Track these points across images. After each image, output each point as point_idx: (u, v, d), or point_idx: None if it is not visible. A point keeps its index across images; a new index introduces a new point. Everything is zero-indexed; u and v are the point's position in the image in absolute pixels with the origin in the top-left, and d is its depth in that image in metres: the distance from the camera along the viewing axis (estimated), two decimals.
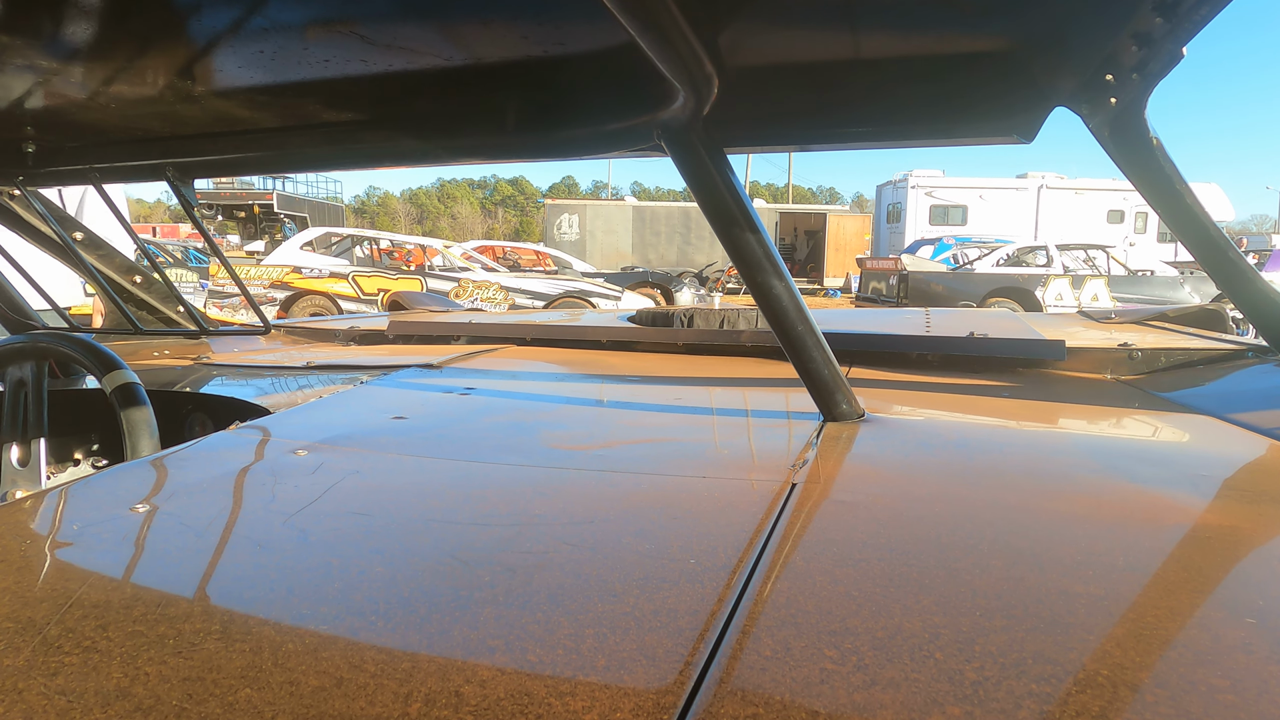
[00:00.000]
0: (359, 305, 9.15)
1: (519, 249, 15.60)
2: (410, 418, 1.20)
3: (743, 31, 0.91)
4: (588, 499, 0.83)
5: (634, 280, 11.61)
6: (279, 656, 0.49)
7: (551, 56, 0.99)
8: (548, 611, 0.55)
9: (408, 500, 0.82)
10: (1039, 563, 0.64)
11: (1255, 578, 0.66)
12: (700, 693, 0.45)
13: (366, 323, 2.50)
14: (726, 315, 2.22)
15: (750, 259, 1.08)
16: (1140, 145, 0.99)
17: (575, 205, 22.82)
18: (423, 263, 10.31)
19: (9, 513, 0.76)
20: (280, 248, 9.88)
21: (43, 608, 0.55)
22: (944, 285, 10.83)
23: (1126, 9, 0.83)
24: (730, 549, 0.67)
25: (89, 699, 0.45)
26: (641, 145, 1.10)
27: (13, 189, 1.67)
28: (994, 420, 1.28)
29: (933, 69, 0.98)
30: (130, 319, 1.75)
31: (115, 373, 1.22)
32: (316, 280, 9.16)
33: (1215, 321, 2.10)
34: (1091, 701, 0.44)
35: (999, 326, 1.94)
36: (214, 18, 0.90)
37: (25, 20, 0.91)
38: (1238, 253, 1.13)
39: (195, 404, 1.55)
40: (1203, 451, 1.09)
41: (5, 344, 1.33)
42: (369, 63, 1.01)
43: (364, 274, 9.33)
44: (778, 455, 1.00)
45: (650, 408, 1.31)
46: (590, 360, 1.86)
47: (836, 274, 20.77)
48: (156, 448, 1.17)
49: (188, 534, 0.70)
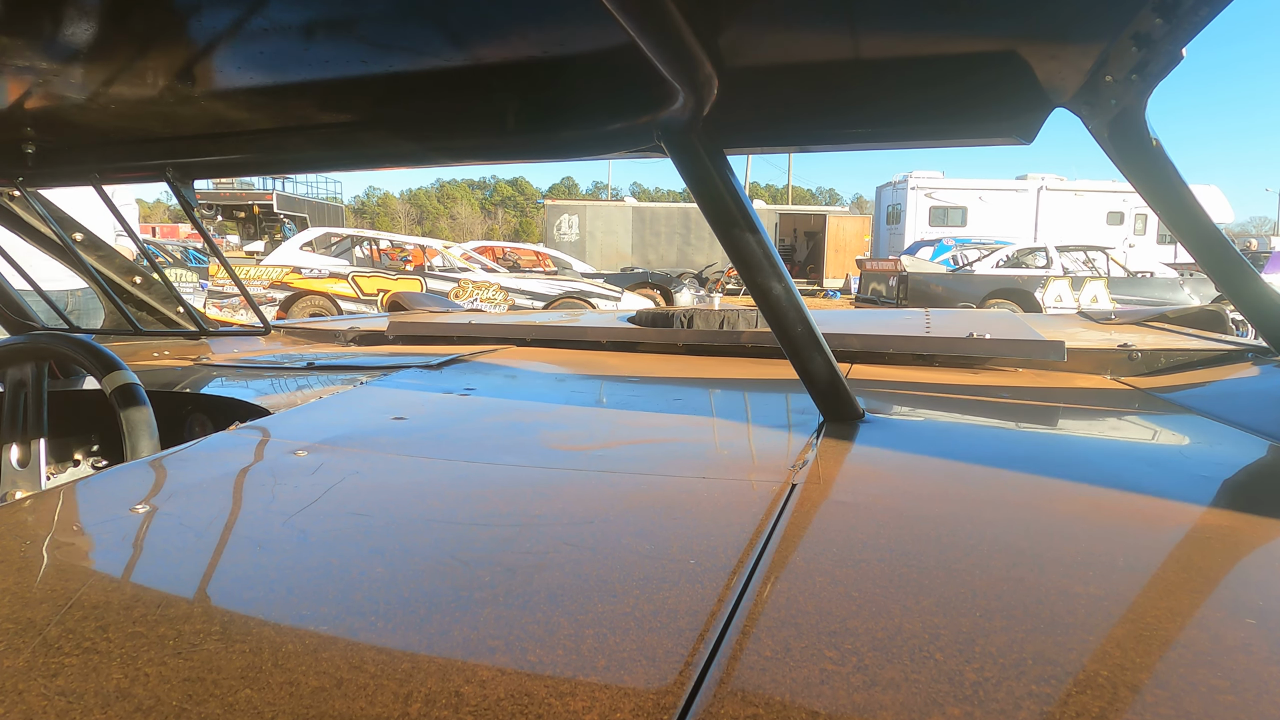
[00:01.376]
0: (359, 306, 9.15)
1: (519, 249, 15.55)
2: (410, 418, 1.19)
3: (743, 32, 0.91)
4: (588, 499, 0.83)
5: (634, 281, 11.58)
6: (279, 657, 0.49)
7: (551, 57, 0.99)
8: (548, 612, 0.55)
9: (408, 500, 0.82)
10: (1039, 563, 0.64)
11: (1255, 578, 0.66)
12: (700, 693, 0.45)
13: (366, 323, 2.50)
14: (726, 316, 2.22)
15: (750, 260, 1.08)
16: (1140, 147, 0.99)
17: (575, 206, 22.81)
18: (422, 263, 10.26)
19: (9, 513, 0.76)
20: (280, 248, 9.89)
21: (43, 608, 0.55)
22: (943, 286, 10.81)
23: (1126, 10, 0.83)
24: (730, 549, 0.67)
25: (89, 700, 0.45)
26: (641, 146, 1.10)
27: (13, 190, 1.67)
28: (994, 421, 1.28)
29: (933, 70, 0.98)
30: (130, 320, 1.75)
31: (115, 373, 1.22)
32: (316, 280, 9.17)
33: (1215, 322, 2.10)
34: (1091, 702, 0.44)
35: (999, 327, 1.95)
36: (214, 18, 0.90)
37: (26, 21, 0.91)
38: (1238, 254, 1.13)
39: (195, 404, 1.55)
40: (1202, 452, 1.09)
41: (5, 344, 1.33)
42: (369, 64, 1.01)
43: (364, 274, 9.33)
44: (778, 456, 1.00)
45: (650, 408, 1.31)
46: (590, 361, 1.86)
47: (836, 275, 20.75)
48: (156, 448, 1.17)
49: (188, 535, 0.70)
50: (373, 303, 9.17)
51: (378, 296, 9.12)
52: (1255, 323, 1.20)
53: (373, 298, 9.16)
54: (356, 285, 9.23)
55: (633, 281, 11.50)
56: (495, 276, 9.71)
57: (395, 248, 11.89)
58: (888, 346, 1.82)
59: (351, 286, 9.22)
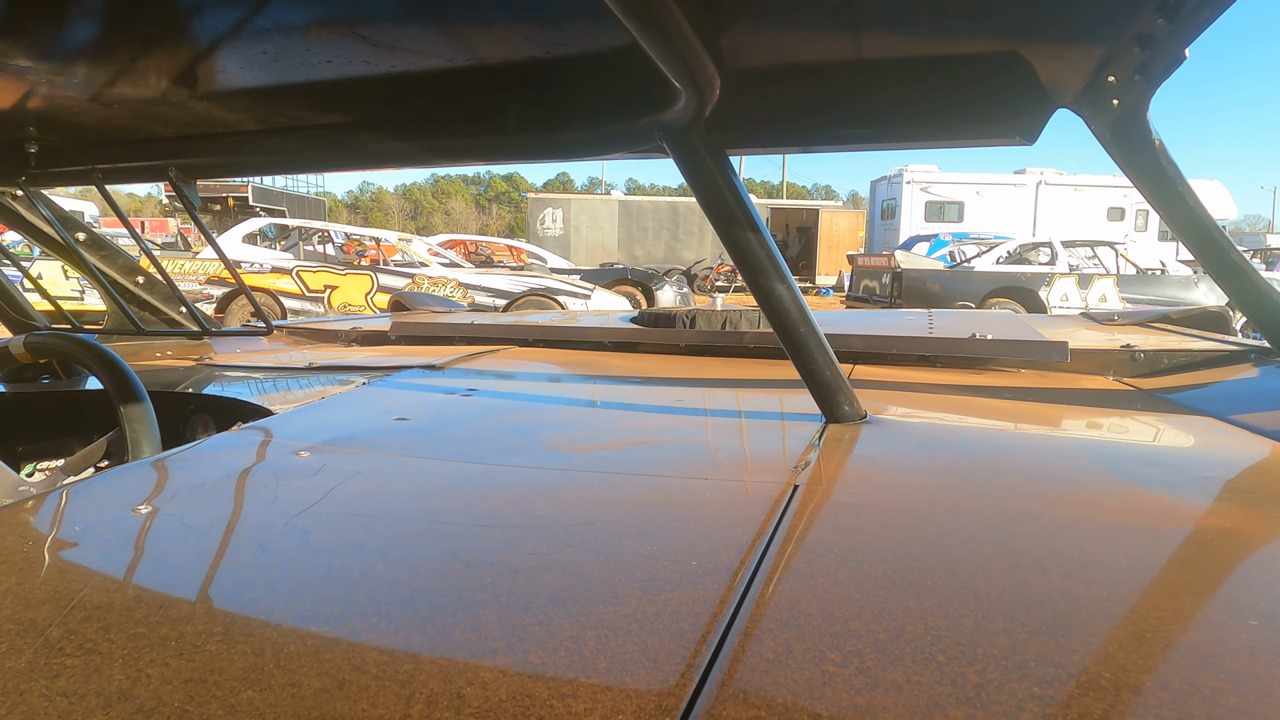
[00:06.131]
0: (303, 304, 8.59)
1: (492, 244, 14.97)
2: (412, 419, 1.20)
3: (745, 33, 0.91)
4: (590, 500, 0.83)
5: (612, 277, 10.96)
6: (281, 658, 0.49)
7: (553, 58, 0.99)
8: (550, 613, 0.55)
9: (410, 502, 0.82)
10: (1041, 565, 0.64)
11: (1258, 580, 0.65)
12: (702, 694, 0.45)
13: (369, 323, 2.50)
14: (729, 316, 2.22)
15: (752, 260, 1.08)
16: (1142, 147, 0.99)
17: (559, 200, 21.88)
18: (379, 259, 9.58)
19: (11, 514, 0.76)
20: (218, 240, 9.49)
21: (45, 609, 0.55)
22: (941, 284, 10.07)
23: (1129, 11, 0.83)
24: (732, 551, 0.67)
25: (91, 701, 0.45)
26: (643, 146, 1.10)
27: (15, 189, 1.67)
28: (996, 422, 1.27)
29: (935, 70, 0.98)
30: (132, 319, 1.76)
31: (117, 374, 1.22)
32: (257, 276, 8.50)
33: (1218, 323, 2.10)
34: (1094, 704, 0.44)
35: (1001, 328, 1.94)
36: (217, 19, 0.91)
37: (28, 21, 0.91)
38: (1239, 254, 1.12)
39: (198, 405, 1.55)
40: (1205, 453, 1.09)
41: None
42: (371, 64, 1.01)
43: (309, 269, 8.70)
44: (780, 457, 1.00)
45: (652, 409, 1.31)
46: (592, 361, 1.86)
47: (829, 272, 20.37)
48: (158, 449, 1.17)
49: (190, 535, 0.70)
50: (319, 299, 8.60)
51: (324, 293, 8.59)
52: (1257, 323, 1.20)
53: (319, 294, 8.60)
54: (301, 281, 8.62)
55: (611, 278, 10.88)
56: (455, 272, 9.07)
57: (354, 241, 11.17)
58: (890, 347, 1.82)
59: (296, 282, 8.60)
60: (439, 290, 8.61)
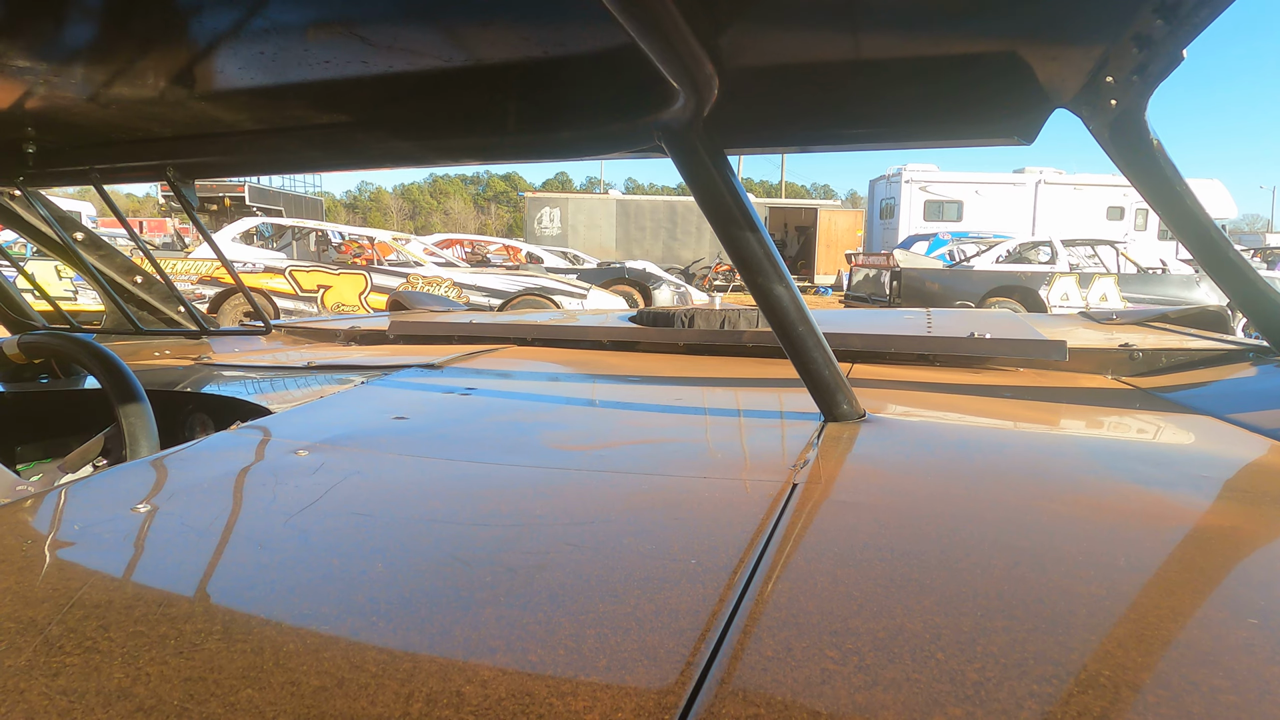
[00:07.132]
0: (296, 304, 8.56)
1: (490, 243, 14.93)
2: (411, 418, 1.20)
3: (744, 33, 0.91)
4: (589, 499, 0.83)
5: (609, 277, 10.92)
6: (280, 656, 0.49)
7: (552, 58, 0.99)
8: (549, 612, 0.55)
9: (409, 500, 0.82)
10: (1040, 563, 0.64)
11: (1257, 578, 0.66)
12: (702, 693, 0.45)
13: (367, 323, 2.50)
14: (727, 316, 2.22)
15: (751, 260, 1.08)
16: (1141, 147, 0.99)
17: (557, 199, 21.86)
18: (373, 258, 9.55)
19: (10, 512, 0.76)
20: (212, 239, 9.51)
21: (44, 608, 0.55)
22: (940, 284, 10.04)
23: (1127, 11, 0.83)
24: (731, 549, 0.67)
25: (90, 699, 0.45)
26: (642, 146, 1.10)
27: (13, 189, 1.67)
28: (995, 420, 1.28)
29: (933, 70, 0.98)
30: (131, 319, 1.76)
31: (114, 372, 1.22)
32: (250, 275, 8.47)
33: (1216, 322, 2.10)
34: (1093, 702, 0.44)
35: (999, 327, 1.95)
36: (215, 19, 0.90)
37: (26, 21, 0.91)
38: (1238, 253, 1.13)
39: (196, 404, 1.55)
40: (1204, 452, 1.09)
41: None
42: (369, 64, 1.01)
43: (302, 269, 8.67)
44: (778, 455, 1.00)
45: (651, 408, 1.31)
46: (591, 360, 1.86)
47: (828, 271, 20.35)
48: (157, 448, 1.17)
49: (189, 534, 0.70)
50: (312, 299, 8.54)
51: (318, 293, 8.54)
52: (1256, 322, 1.20)
53: (312, 294, 8.55)
54: (294, 280, 8.57)
55: (608, 277, 10.86)
56: (449, 272, 9.04)
57: (351, 241, 11.09)
58: (888, 346, 1.83)
59: (289, 282, 8.57)
60: (433, 290, 8.61)
